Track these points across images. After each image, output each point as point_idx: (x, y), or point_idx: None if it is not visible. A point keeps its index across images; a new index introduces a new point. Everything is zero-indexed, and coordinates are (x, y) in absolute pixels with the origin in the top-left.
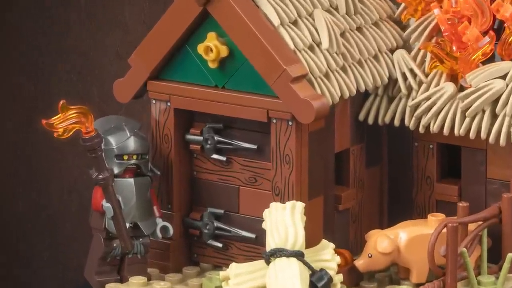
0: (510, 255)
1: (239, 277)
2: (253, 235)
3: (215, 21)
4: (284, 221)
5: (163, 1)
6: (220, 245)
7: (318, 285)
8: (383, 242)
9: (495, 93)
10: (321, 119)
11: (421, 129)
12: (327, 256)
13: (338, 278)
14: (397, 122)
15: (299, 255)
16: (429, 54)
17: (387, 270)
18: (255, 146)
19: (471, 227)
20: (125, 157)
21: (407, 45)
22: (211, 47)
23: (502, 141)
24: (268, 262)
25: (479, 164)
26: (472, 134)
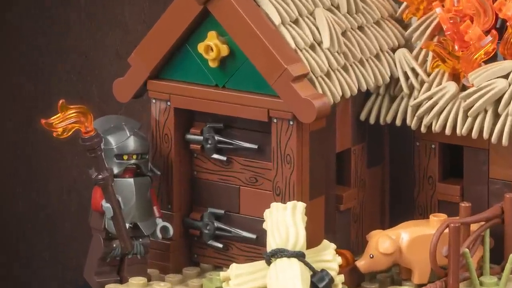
0: None
1: (239, 277)
2: (253, 236)
3: (215, 20)
4: (285, 221)
5: (163, 0)
6: (220, 245)
7: (319, 285)
8: (384, 242)
9: (497, 93)
10: (322, 118)
11: (423, 128)
12: (328, 257)
13: (339, 279)
14: (398, 122)
15: (300, 256)
16: (431, 53)
17: (388, 271)
18: (255, 146)
19: (473, 227)
20: (125, 157)
21: (409, 44)
22: (211, 46)
23: (505, 140)
24: (269, 263)
25: (481, 164)
26: (474, 134)
